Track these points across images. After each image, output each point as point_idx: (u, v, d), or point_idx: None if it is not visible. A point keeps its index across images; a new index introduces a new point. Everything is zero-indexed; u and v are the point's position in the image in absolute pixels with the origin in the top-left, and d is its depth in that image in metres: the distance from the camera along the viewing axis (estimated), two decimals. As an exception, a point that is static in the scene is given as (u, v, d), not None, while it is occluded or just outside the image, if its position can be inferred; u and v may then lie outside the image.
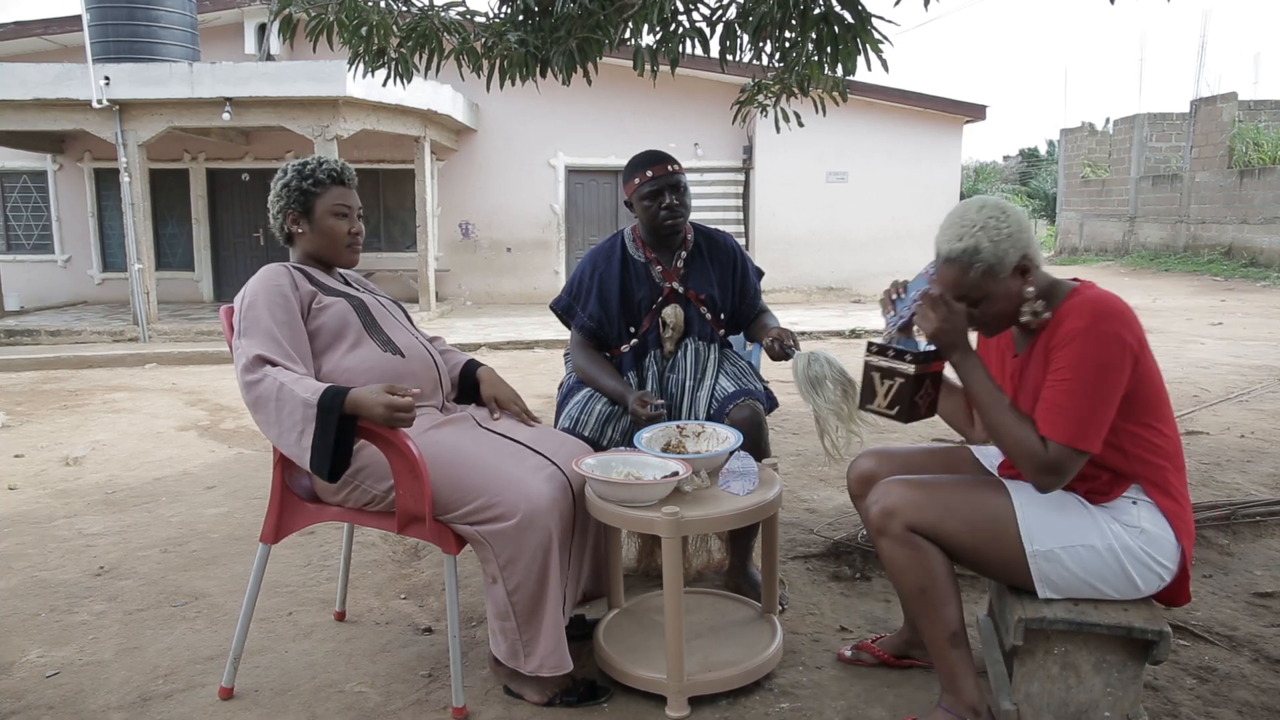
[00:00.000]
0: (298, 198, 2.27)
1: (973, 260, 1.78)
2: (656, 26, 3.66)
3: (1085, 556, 1.80)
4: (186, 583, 2.99)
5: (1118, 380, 1.73)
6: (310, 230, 2.29)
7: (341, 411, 1.93)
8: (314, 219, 2.28)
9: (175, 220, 13.06)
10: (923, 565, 1.88)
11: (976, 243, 1.78)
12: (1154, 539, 1.80)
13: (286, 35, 3.72)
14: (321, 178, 2.28)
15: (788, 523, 3.36)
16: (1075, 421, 1.71)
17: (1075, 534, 1.80)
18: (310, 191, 2.27)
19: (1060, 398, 1.73)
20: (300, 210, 2.28)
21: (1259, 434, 4.74)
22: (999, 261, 1.79)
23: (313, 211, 2.28)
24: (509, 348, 9.08)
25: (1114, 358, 1.72)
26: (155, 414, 6.02)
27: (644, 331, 2.71)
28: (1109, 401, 1.72)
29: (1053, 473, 1.73)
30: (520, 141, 13.01)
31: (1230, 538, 3.13)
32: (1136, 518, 1.81)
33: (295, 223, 2.29)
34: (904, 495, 1.88)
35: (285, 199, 2.28)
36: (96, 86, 9.36)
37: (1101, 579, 1.82)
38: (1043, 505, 1.83)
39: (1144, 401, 1.80)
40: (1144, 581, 1.82)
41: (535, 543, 1.99)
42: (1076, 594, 1.84)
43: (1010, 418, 1.79)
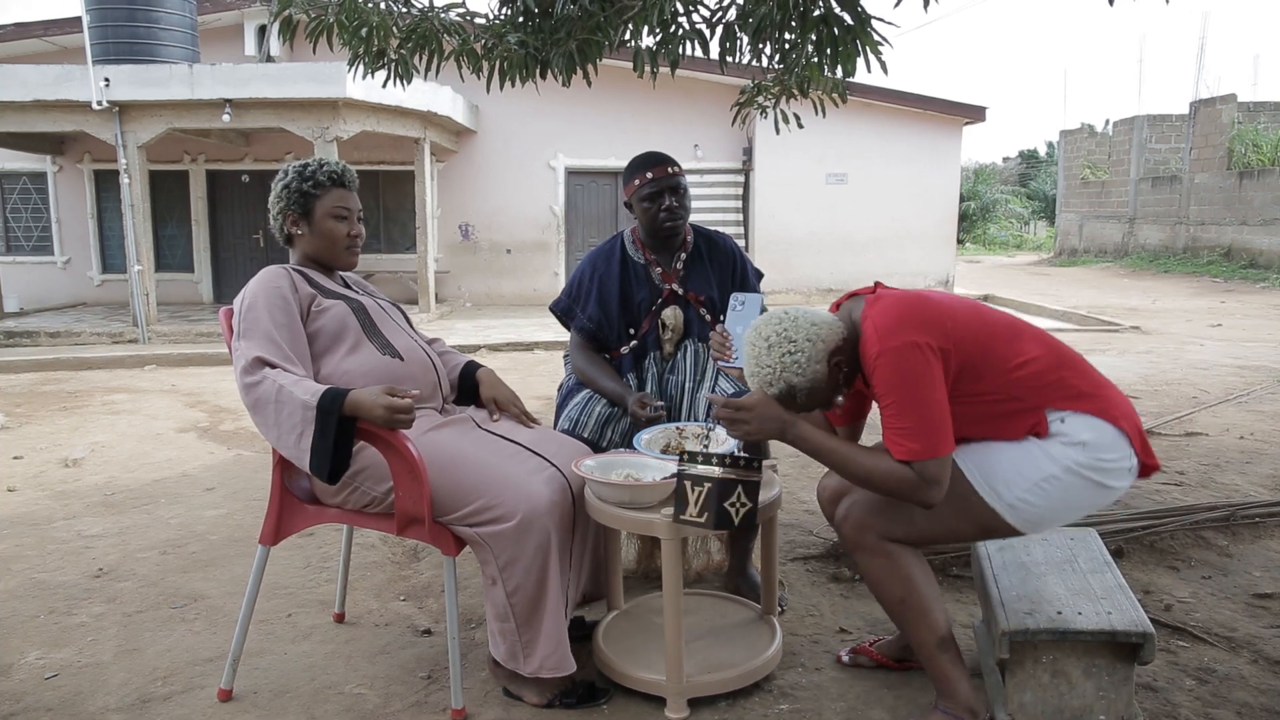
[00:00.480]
0: (297, 199, 2.27)
1: (795, 394, 1.85)
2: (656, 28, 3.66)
3: (1051, 489, 1.83)
4: (185, 584, 2.99)
5: (932, 381, 1.77)
6: (309, 232, 2.29)
7: (341, 413, 1.93)
8: (313, 221, 2.28)
9: (175, 222, 13.06)
10: (899, 574, 1.90)
11: (787, 382, 1.84)
12: (1098, 442, 1.82)
13: (286, 37, 3.72)
14: (322, 180, 2.28)
15: (787, 524, 3.36)
16: (918, 436, 1.75)
17: (1033, 471, 1.83)
18: (310, 193, 2.27)
19: (894, 420, 1.78)
20: (300, 212, 2.28)
21: (1258, 435, 4.74)
22: (814, 379, 1.85)
23: (312, 213, 2.28)
24: (508, 349, 9.08)
25: (916, 366, 1.76)
26: (155, 415, 6.01)
27: (643, 333, 2.71)
28: (936, 403, 1.77)
29: (930, 484, 1.77)
30: (520, 143, 13.01)
31: (1229, 539, 3.13)
32: (1073, 433, 1.83)
33: (294, 224, 2.29)
34: (870, 506, 1.92)
35: (285, 200, 2.28)
36: (96, 88, 9.36)
37: (1076, 500, 1.85)
38: (991, 460, 1.86)
39: (991, 355, 1.84)
40: (1115, 481, 1.85)
41: (534, 544, 1.99)
42: (1062, 521, 1.88)
43: (866, 461, 1.82)
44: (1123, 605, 1.90)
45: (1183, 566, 2.93)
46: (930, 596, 1.91)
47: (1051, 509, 1.84)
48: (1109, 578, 2.06)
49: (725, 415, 1.86)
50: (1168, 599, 2.67)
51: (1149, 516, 3.22)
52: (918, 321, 1.80)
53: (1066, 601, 1.93)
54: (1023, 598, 1.96)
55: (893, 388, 1.78)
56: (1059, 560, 2.18)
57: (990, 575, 2.10)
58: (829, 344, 1.85)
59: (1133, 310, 11.43)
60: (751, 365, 1.88)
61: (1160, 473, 3.98)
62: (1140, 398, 5.87)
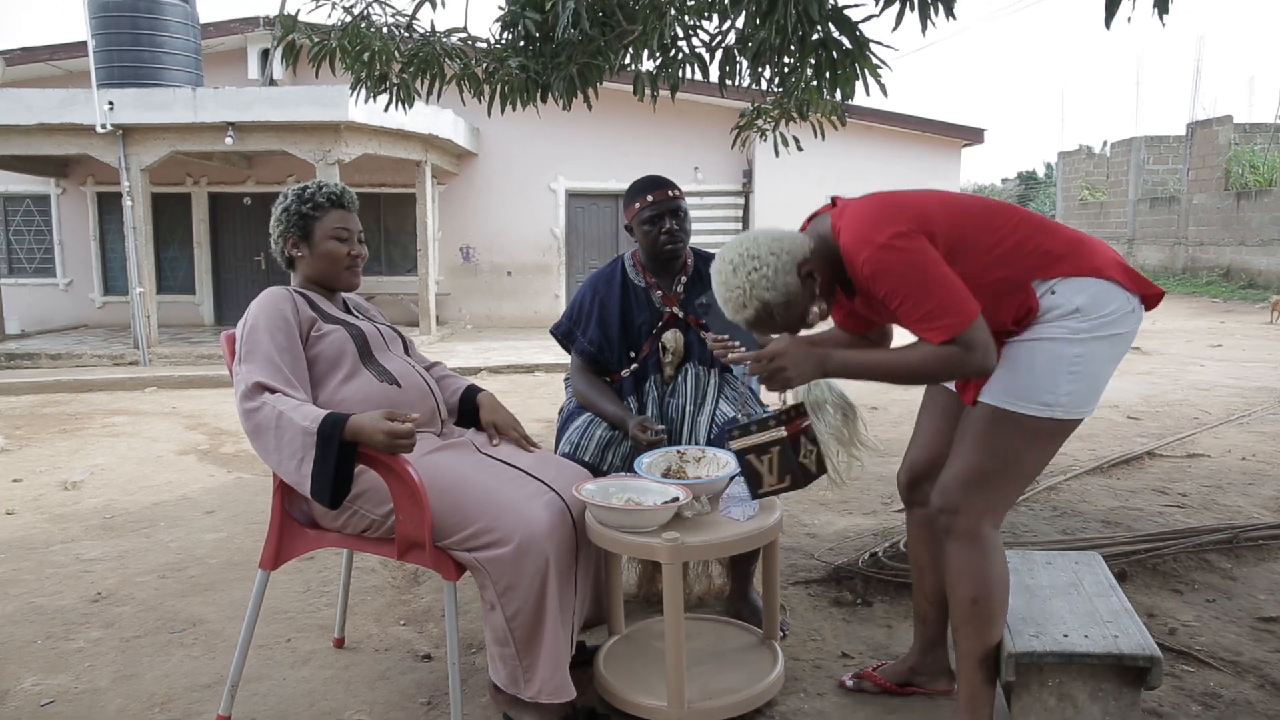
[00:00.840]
0: (297, 221, 2.28)
1: (771, 312, 1.84)
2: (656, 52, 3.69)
3: (1080, 367, 1.81)
4: (184, 609, 2.97)
5: (929, 258, 1.75)
6: (309, 254, 2.30)
7: (341, 438, 1.93)
8: (313, 243, 2.29)
9: (177, 244, 13.10)
10: (982, 573, 1.86)
11: (759, 300, 1.84)
12: (1093, 301, 1.81)
13: (289, 61, 3.75)
14: (321, 201, 2.29)
15: (788, 548, 3.35)
16: (944, 313, 1.73)
17: (1058, 363, 1.81)
18: (309, 215, 2.28)
19: (913, 312, 1.75)
20: (299, 234, 2.29)
21: (1260, 456, 4.73)
22: (787, 292, 1.84)
23: (312, 235, 2.29)
24: (509, 371, 9.08)
25: (909, 253, 1.75)
26: (155, 438, 6.01)
27: (644, 356, 2.71)
28: (943, 276, 1.74)
29: (978, 349, 1.74)
30: (521, 165, 13.08)
31: (1233, 561, 3.12)
32: (1066, 301, 1.81)
33: (295, 247, 2.30)
34: (965, 481, 1.86)
35: (285, 223, 2.29)
36: (100, 111, 9.43)
37: (1105, 362, 1.85)
38: (1021, 381, 1.82)
39: (969, 236, 1.82)
40: (1124, 327, 1.86)
41: (533, 569, 1.98)
42: (1103, 387, 1.88)
43: (913, 356, 1.79)
44: (1129, 629, 1.89)
45: (1186, 590, 2.92)
46: (1000, 608, 1.89)
47: (1091, 383, 1.84)
48: (1114, 601, 2.05)
49: (760, 370, 1.83)
50: (1172, 622, 2.66)
51: (1152, 539, 3.21)
52: (893, 214, 1.79)
53: (1072, 625, 1.92)
54: (1028, 620, 1.95)
55: (897, 282, 1.75)
56: (1064, 584, 2.17)
57: (993, 599, 2.08)
58: (795, 256, 1.84)
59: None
60: (722, 292, 1.88)
61: (1162, 495, 3.98)
62: (1142, 419, 5.86)
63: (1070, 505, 3.83)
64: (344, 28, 3.69)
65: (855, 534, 3.50)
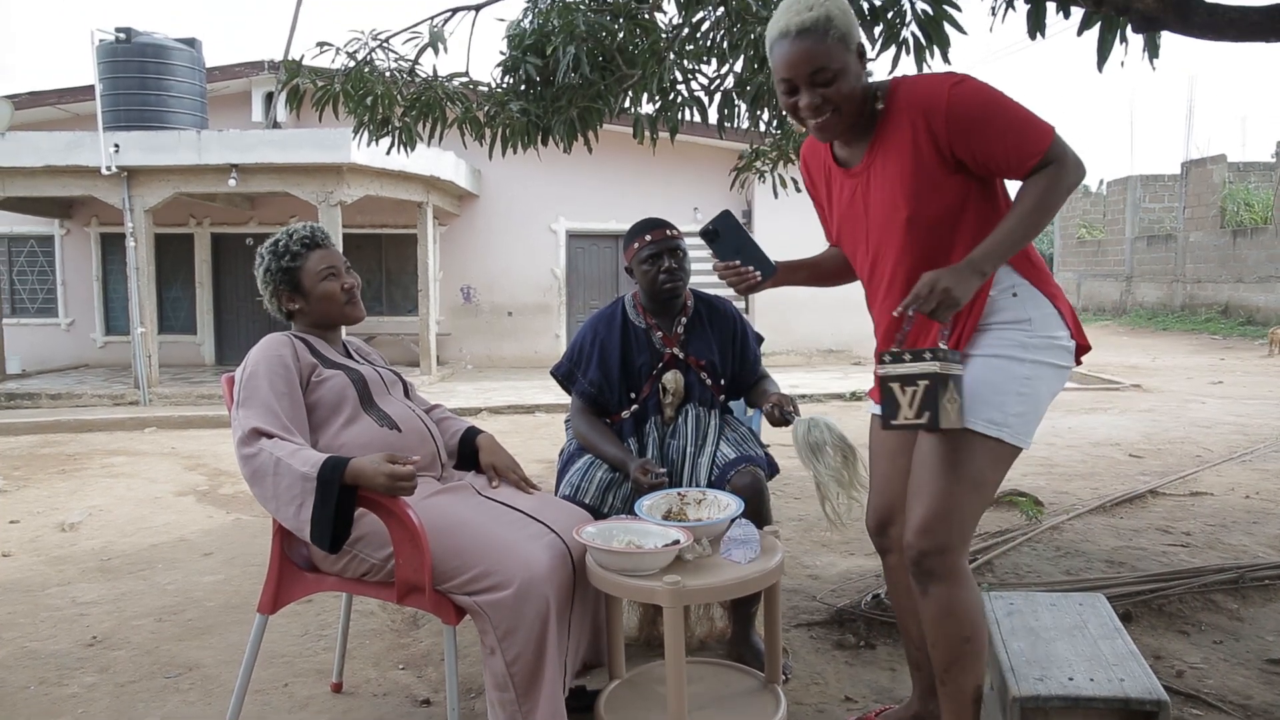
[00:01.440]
0: (282, 278, 2.29)
1: (828, 28, 1.74)
2: (656, 96, 3.75)
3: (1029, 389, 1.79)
4: (181, 653, 2.94)
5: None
6: (306, 302, 2.31)
7: (342, 482, 1.92)
8: (305, 291, 2.30)
9: (179, 284, 13.17)
10: (970, 609, 1.80)
11: (827, 11, 1.74)
12: (1046, 320, 1.81)
13: (293, 105, 3.80)
14: (296, 249, 2.29)
15: (790, 589, 3.32)
16: (1031, 126, 1.74)
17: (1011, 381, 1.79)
18: (290, 268, 2.29)
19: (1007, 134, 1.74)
20: (290, 288, 2.30)
21: (1264, 494, 4.70)
22: (849, 30, 1.77)
23: (301, 285, 2.30)
24: (510, 411, 9.07)
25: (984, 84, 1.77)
26: (154, 478, 5.99)
27: (644, 397, 2.71)
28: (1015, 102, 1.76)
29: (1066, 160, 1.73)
30: (522, 206, 13.18)
31: (1239, 601, 3.09)
32: (1022, 308, 1.82)
33: (290, 301, 2.32)
34: (934, 516, 1.78)
35: (272, 284, 2.30)
36: (106, 154, 9.53)
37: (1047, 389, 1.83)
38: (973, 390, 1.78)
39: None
40: (1066, 363, 1.84)
41: (533, 613, 1.96)
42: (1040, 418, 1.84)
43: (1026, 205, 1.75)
44: (1135, 672, 1.87)
45: (1193, 631, 2.89)
46: (985, 637, 1.85)
47: (1035, 408, 1.81)
48: (1120, 644, 2.03)
49: (925, 302, 1.69)
50: (1179, 665, 2.63)
51: (1156, 579, 3.18)
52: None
53: (1078, 668, 1.90)
54: (1033, 663, 1.93)
55: (987, 102, 1.74)
56: (1068, 625, 2.15)
57: (999, 641, 2.06)
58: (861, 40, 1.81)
59: (1133, 368, 11.44)
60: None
61: (1166, 534, 3.95)
62: (1144, 457, 5.84)
63: (1073, 545, 3.80)
64: (347, 72, 3.74)
65: (857, 575, 3.47)
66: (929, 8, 2.87)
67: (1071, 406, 8.45)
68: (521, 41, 3.65)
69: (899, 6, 2.94)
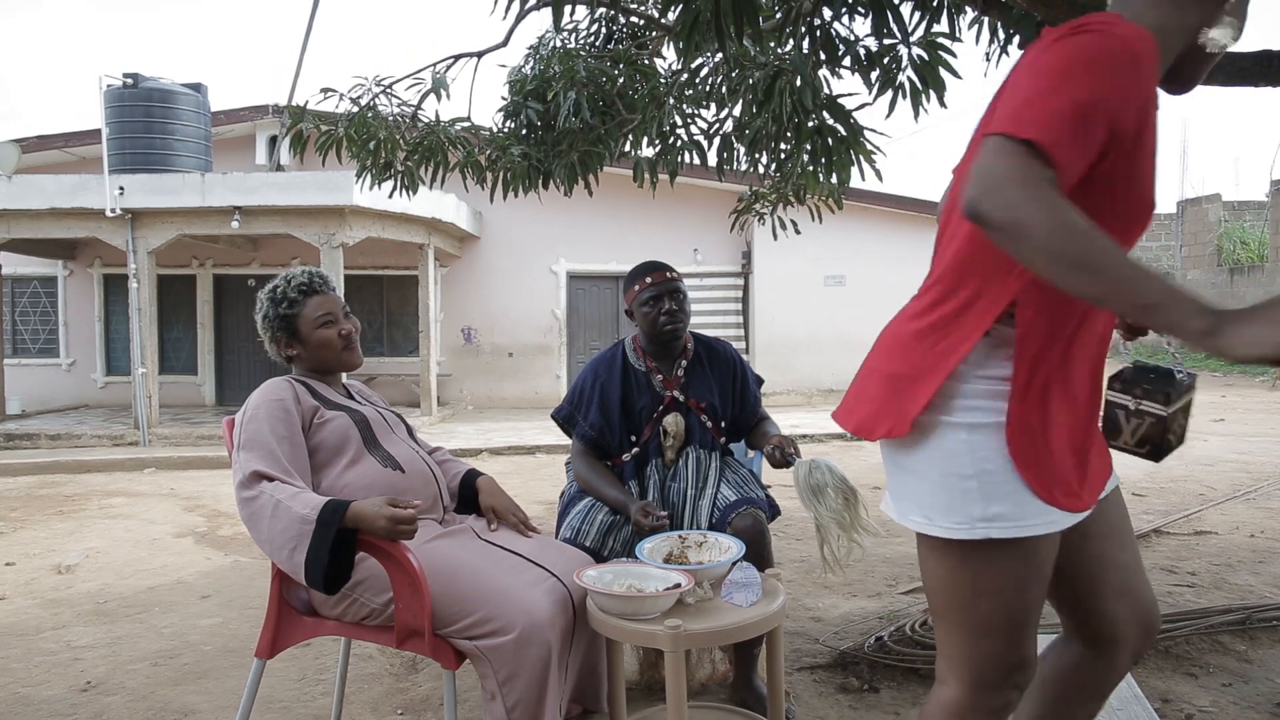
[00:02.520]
0: (280, 325, 2.30)
1: None
2: (656, 139, 3.80)
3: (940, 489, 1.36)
4: (176, 698, 2.90)
5: None
6: (304, 349, 2.32)
7: (342, 525, 1.92)
8: (302, 338, 2.31)
9: (181, 324, 13.21)
10: None
11: None
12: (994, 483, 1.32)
13: (297, 149, 3.85)
14: (294, 296, 2.30)
15: (793, 632, 3.29)
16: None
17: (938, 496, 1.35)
18: (287, 315, 2.30)
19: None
20: (288, 335, 2.32)
21: (1269, 533, 4.68)
22: None
23: (299, 332, 2.31)
24: (510, 453, 9.04)
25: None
26: (152, 520, 5.96)
27: (645, 440, 2.71)
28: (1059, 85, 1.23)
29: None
30: (523, 248, 13.27)
31: (1248, 643, 3.06)
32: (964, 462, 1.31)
33: (288, 347, 2.33)
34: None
35: (270, 330, 2.32)
36: (111, 196, 9.63)
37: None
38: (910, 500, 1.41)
39: None
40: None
41: (534, 658, 1.94)
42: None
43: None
44: (1139, 716, 1.85)
45: (1201, 673, 2.86)
46: None
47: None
48: (1124, 688, 2.01)
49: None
50: (1188, 708, 2.59)
51: (1163, 620, 3.15)
52: None
53: (1083, 714, 1.87)
54: (1037, 710, 1.90)
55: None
56: (1073, 669, 2.12)
57: (1003, 686, 2.04)
58: None
59: None
60: None
61: (1171, 574, 3.93)
62: (1147, 495, 5.82)
63: (1078, 586, 3.77)
64: (351, 117, 3.79)
65: (860, 617, 3.45)
66: (924, 53, 2.92)
67: (1073, 445, 8.43)
68: (523, 87, 3.71)
69: (895, 52, 2.99)
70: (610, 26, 3.97)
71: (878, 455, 8.39)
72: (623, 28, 3.98)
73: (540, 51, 3.91)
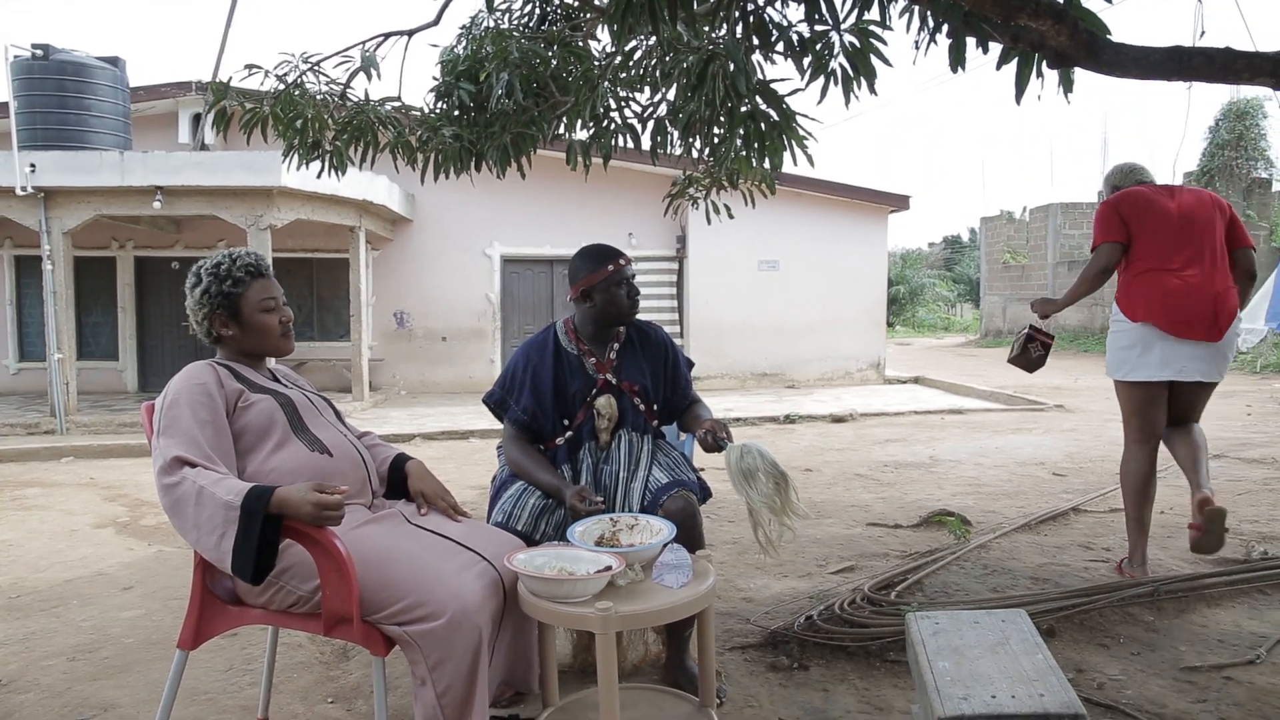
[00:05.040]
0: (221, 302, 2.24)
1: None
2: (589, 122, 3.77)
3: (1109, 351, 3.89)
4: (95, 693, 2.82)
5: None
6: (240, 331, 2.26)
7: (267, 512, 1.88)
8: (242, 319, 2.26)
9: (100, 308, 12.74)
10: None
11: None
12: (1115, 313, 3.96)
13: (221, 127, 3.73)
14: (240, 275, 2.25)
15: (724, 613, 3.33)
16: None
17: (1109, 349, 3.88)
18: (231, 293, 2.24)
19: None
20: (228, 313, 2.25)
21: (1176, 509, 4.89)
22: None
23: (240, 312, 2.25)
24: (444, 438, 8.96)
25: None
26: (70, 510, 5.76)
27: (578, 424, 2.71)
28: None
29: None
30: (456, 231, 13.10)
31: (1155, 614, 3.20)
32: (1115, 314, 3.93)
33: (224, 326, 2.26)
34: None
35: (208, 305, 2.24)
36: (21, 174, 9.20)
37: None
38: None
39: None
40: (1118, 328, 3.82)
41: (465, 643, 1.93)
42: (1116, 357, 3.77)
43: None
44: (1054, 687, 1.92)
45: (1112, 643, 2.98)
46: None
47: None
48: (1040, 659, 2.08)
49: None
50: (1100, 677, 2.71)
51: (1079, 595, 3.28)
52: None
53: (1000, 684, 1.94)
54: (957, 682, 1.97)
55: None
56: (992, 643, 2.20)
57: (925, 661, 2.10)
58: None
59: (1056, 389, 11.81)
60: None
61: (1088, 550, 4.08)
62: (1067, 475, 6.03)
63: (1000, 563, 3.90)
64: (277, 95, 3.69)
65: (791, 598, 3.51)
66: (856, 40, 2.95)
67: (998, 427, 8.68)
68: (455, 67, 3.66)
69: (827, 39, 3.02)
70: (544, 7, 3.93)
71: (809, 438, 8.53)
72: (556, 9, 3.94)
73: (473, 31, 3.85)
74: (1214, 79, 2.22)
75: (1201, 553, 3.39)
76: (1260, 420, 8.54)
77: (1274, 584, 3.47)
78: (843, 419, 9.54)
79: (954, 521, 4.56)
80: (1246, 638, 3.00)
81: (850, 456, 7.17)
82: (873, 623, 3.01)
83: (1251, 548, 4.03)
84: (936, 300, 32.03)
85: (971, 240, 35.87)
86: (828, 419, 9.58)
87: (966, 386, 12.17)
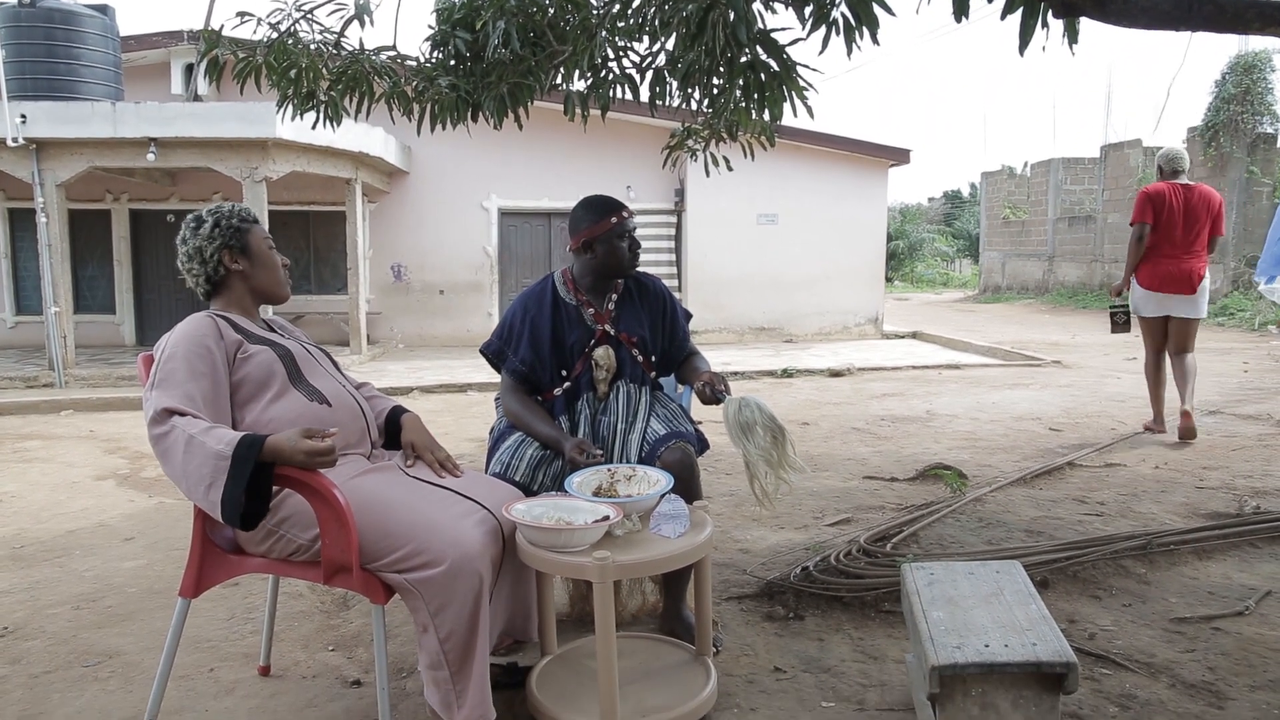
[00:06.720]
0: (234, 235, 2.29)
1: None
2: (587, 72, 3.71)
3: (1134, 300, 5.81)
4: (100, 641, 2.86)
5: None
6: (250, 265, 2.31)
7: (259, 459, 1.88)
8: (252, 253, 2.31)
9: (96, 262, 12.68)
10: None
11: None
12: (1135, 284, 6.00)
13: (214, 77, 3.68)
14: (246, 216, 2.34)
15: (721, 563, 3.37)
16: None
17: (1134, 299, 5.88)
18: (242, 228, 2.30)
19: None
20: (239, 247, 2.30)
21: (1171, 464, 4.92)
22: None
23: (249, 247, 2.31)
24: (442, 391, 8.97)
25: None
26: (71, 463, 5.78)
27: (577, 375, 2.71)
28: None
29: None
30: (453, 184, 12.99)
31: (1147, 566, 3.24)
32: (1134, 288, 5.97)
33: (235, 260, 2.29)
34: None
35: (220, 239, 2.27)
36: (12, 124, 9.09)
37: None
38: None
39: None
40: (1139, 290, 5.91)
41: (466, 589, 1.95)
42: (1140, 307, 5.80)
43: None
44: (1047, 636, 1.95)
45: (1104, 595, 3.02)
46: None
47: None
48: (1033, 609, 2.11)
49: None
50: (1091, 628, 2.74)
51: (1072, 547, 3.31)
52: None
53: (993, 634, 1.97)
54: (951, 631, 2.00)
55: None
56: (986, 593, 2.22)
57: (919, 610, 2.13)
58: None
59: (1054, 345, 11.82)
60: None
61: (1082, 504, 4.12)
62: (1063, 430, 6.06)
63: (995, 516, 3.93)
64: (270, 44, 3.63)
65: (787, 549, 3.54)
66: (857, -11, 2.90)
67: (995, 382, 8.70)
68: (450, 16, 3.59)
69: (828, -13, 2.96)
70: (541, -47, 3.85)
71: (806, 392, 8.55)
72: (553, -45, 3.85)
73: (468, -22, 3.77)
74: (1224, 29, 2.19)
75: (1186, 439, 5.38)
76: (1257, 377, 8.56)
77: (1265, 537, 3.51)
78: (840, 373, 9.55)
79: (950, 475, 4.60)
80: (1236, 590, 3.04)
81: (847, 410, 7.20)
82: (868, 574, 3.05)
83: (1244, 502, 4.06)
84: (935, 256, 31.89)
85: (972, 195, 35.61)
86: (825, 373, 9.59)
87: (964, 342, 12.18)
